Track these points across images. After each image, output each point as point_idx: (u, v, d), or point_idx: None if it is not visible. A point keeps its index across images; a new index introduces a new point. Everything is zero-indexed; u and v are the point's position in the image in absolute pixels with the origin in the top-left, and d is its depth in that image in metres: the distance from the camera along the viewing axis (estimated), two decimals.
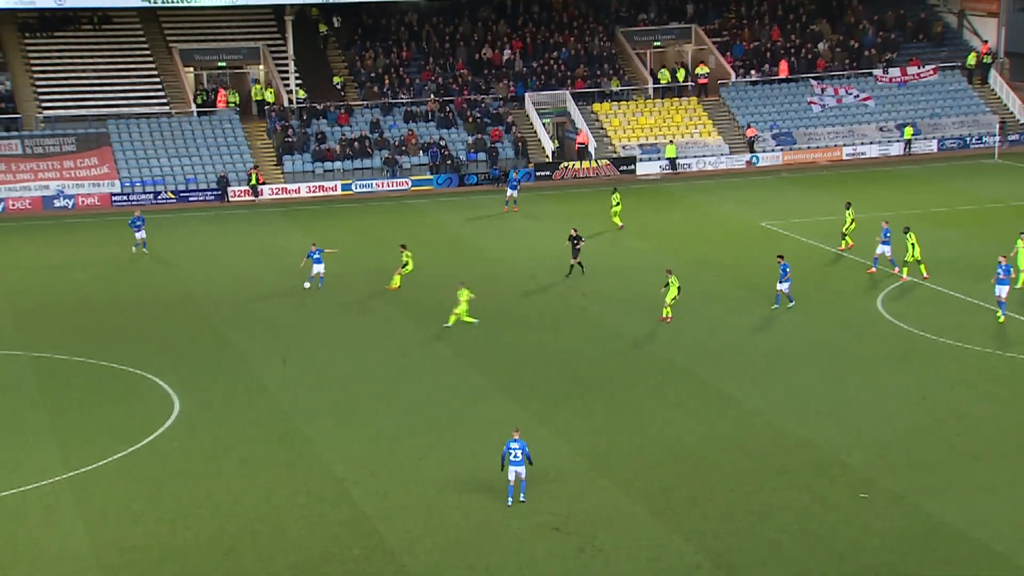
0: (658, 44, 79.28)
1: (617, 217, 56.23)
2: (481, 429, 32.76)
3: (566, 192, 65.68)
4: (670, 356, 38.42)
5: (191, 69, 72.79)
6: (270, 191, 65.96)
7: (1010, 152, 73.39)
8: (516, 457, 27.53)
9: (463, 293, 41.12)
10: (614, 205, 56.32)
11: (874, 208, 57.15)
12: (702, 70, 76.42)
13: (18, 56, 70.82)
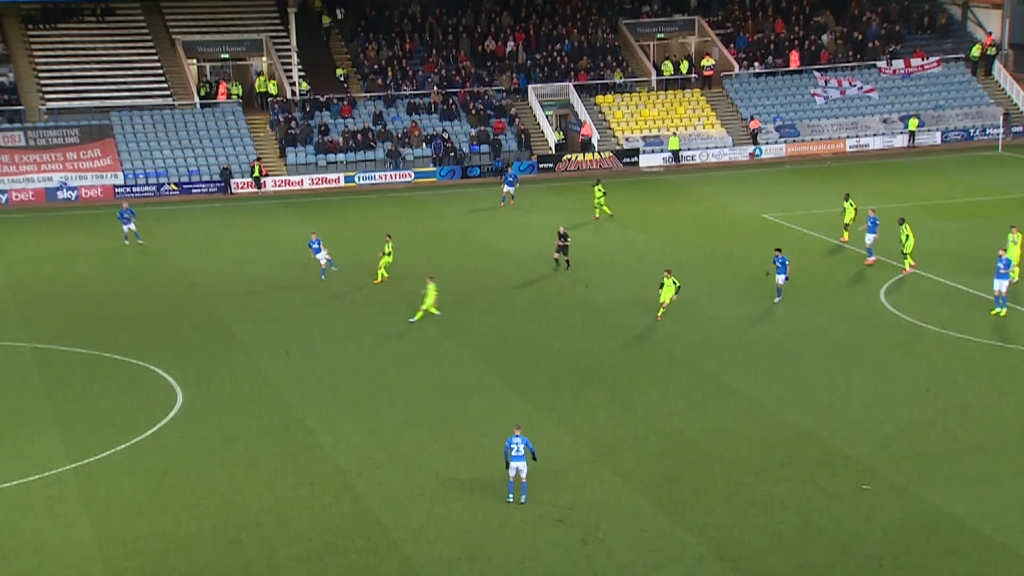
0: (661, 36, 79.22)
1: (606, 207, 56.23)
2: (484, 420, 32.81)
3: (569, 184, 65.67)
4: (673, 347, 38.45)
5: (194, 61, 72.82)
6: (273, 183, 65.99)
7: (1014, 144, 73.31)
8: (518, 452, 27.47)
9: (431, 287, 40.98)
10: (598, 196, 56.36)
11: (878, 201, 57.10)
12: (707, 62, 76.34)
13: (21, 48, 70.86)
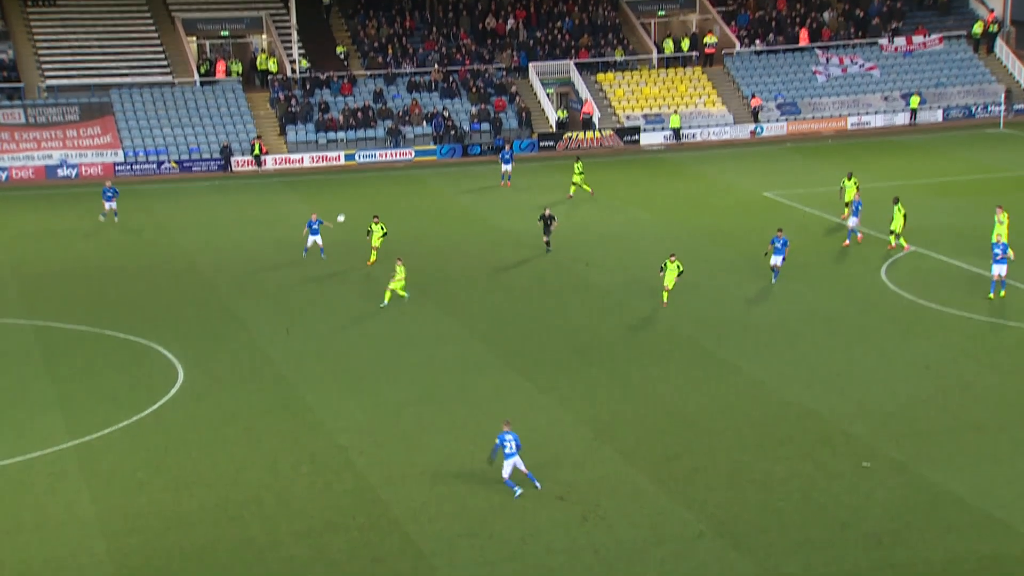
0: (663, 14, 78.98)
1: (585, 185, 56.02)
2: (485, 399, 32.83)
3: (570, 163, 65.50)
4: (673, 326, 38.45)
5: (194, 38, 72.65)
6: (273, 161, 65.90)
7: (1016, 121, 73.16)
8: (510, 449, 26.94)
9: (399, 269, 40.30)
10: (577, 173, 56.06)
11: (879, 178, 57.04)
12: (710, 39, 76.12)
13: (21, 25, 70.65)
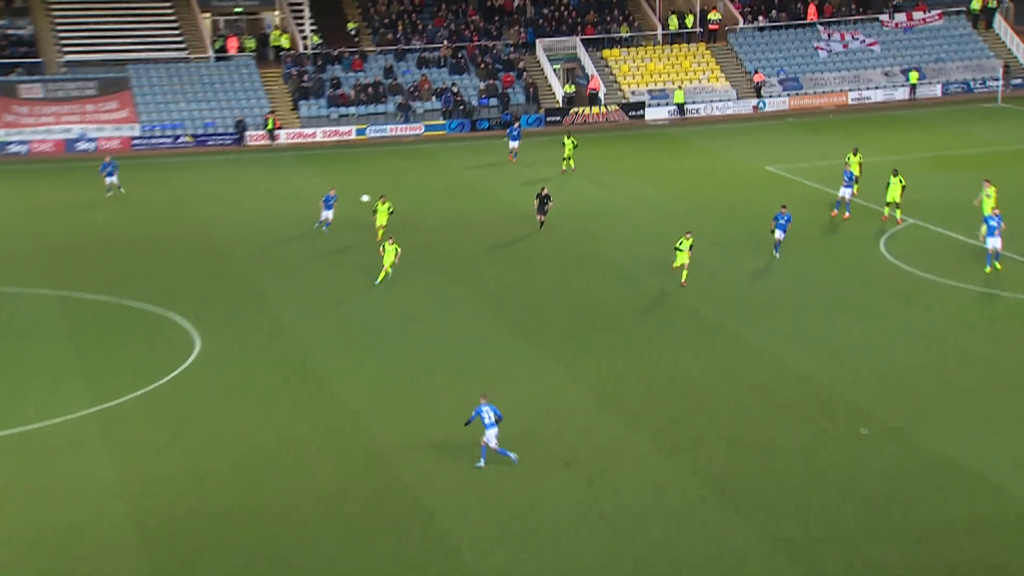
0: None
1: (571, 161, 55.63)
2: (494, 368, 32.94)
3: (577, 138, 65.35)
4: (677, 296, 38.50)
5: (208, 15, 72.48)
6: (286, 135, 65.88)
7: (1013, 96, 72.86)
8: (489, 420, 26.69)
9: (389, 247, 39.57)
10: (568, 149, 55.54)
11: (879, 152, 56.90)
12: (714, 16, 75.83)
13: (40, 2, 70.53)
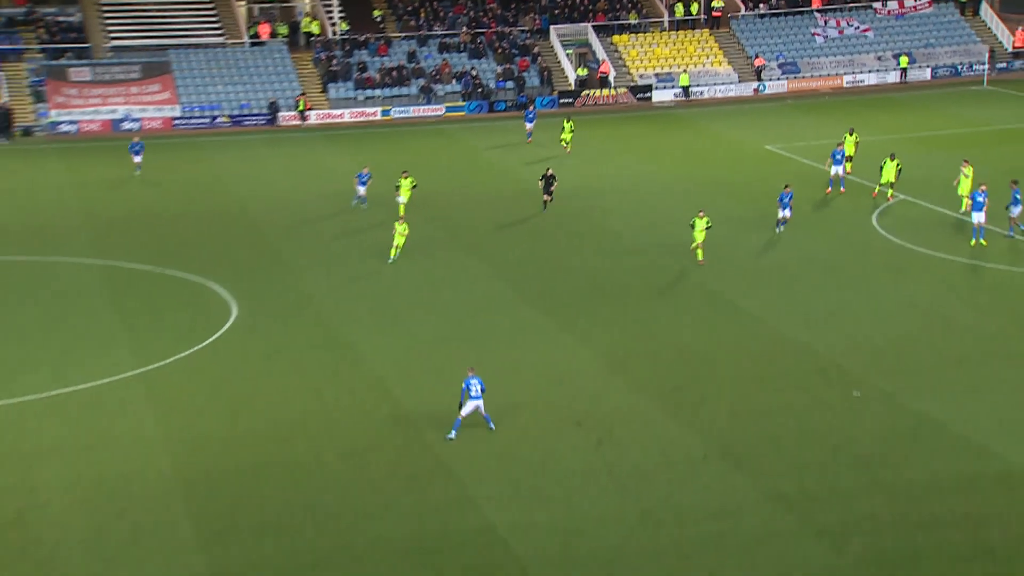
0: None
1: (567, 143, 54.98)
2: (510, 334, 32.92)
3: (587, 118, 65.09)
4: (682, 269, 38.37)
5: (243, 3, 72.16)
6: (316, 116, 65.71)
7: (998, 79, 72.18)
8: (475, 392, 26.40)
9: (400, 227, 38.96)
10: (568, 131, 54.96)
11: (872, 132, 56.46)
12: (717, 3, 75.27)
13: None
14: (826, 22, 75.35)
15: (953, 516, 23.12)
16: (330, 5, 72.00)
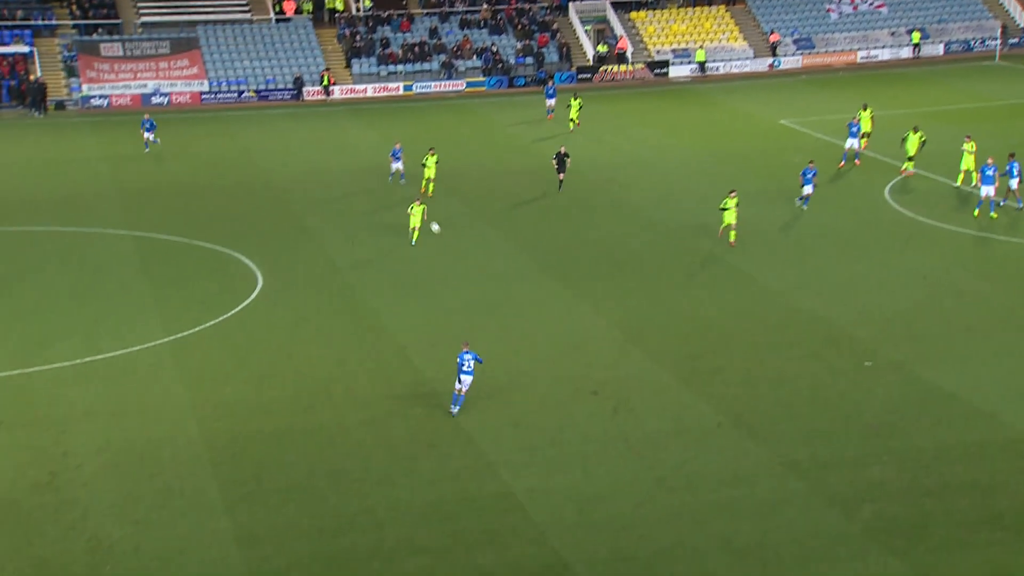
0: None
1: (576, 119, 54.24)
2: (528, 305, 32.79)
3: (605, 93, 64.71)
4: (696, 240, 38.11)
5: None
6: (340, 91, 65.50)
7: (1010, 55, 71.38)
8: (468, 367, 25.86)
9: (417, 208, 37.99)
10: (575, 109, 54.13)
11: (885, 107, 55.86)
12: None
13: None
14: None
15: (962, 483, 22.94)
16: None
